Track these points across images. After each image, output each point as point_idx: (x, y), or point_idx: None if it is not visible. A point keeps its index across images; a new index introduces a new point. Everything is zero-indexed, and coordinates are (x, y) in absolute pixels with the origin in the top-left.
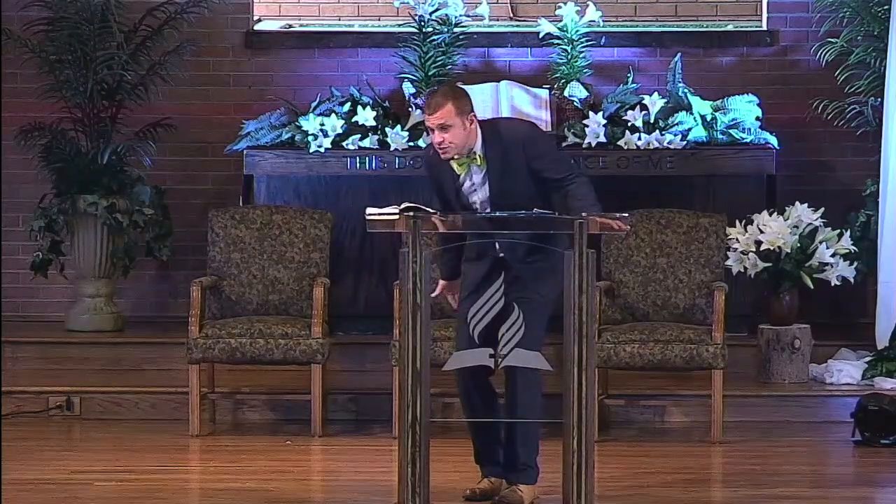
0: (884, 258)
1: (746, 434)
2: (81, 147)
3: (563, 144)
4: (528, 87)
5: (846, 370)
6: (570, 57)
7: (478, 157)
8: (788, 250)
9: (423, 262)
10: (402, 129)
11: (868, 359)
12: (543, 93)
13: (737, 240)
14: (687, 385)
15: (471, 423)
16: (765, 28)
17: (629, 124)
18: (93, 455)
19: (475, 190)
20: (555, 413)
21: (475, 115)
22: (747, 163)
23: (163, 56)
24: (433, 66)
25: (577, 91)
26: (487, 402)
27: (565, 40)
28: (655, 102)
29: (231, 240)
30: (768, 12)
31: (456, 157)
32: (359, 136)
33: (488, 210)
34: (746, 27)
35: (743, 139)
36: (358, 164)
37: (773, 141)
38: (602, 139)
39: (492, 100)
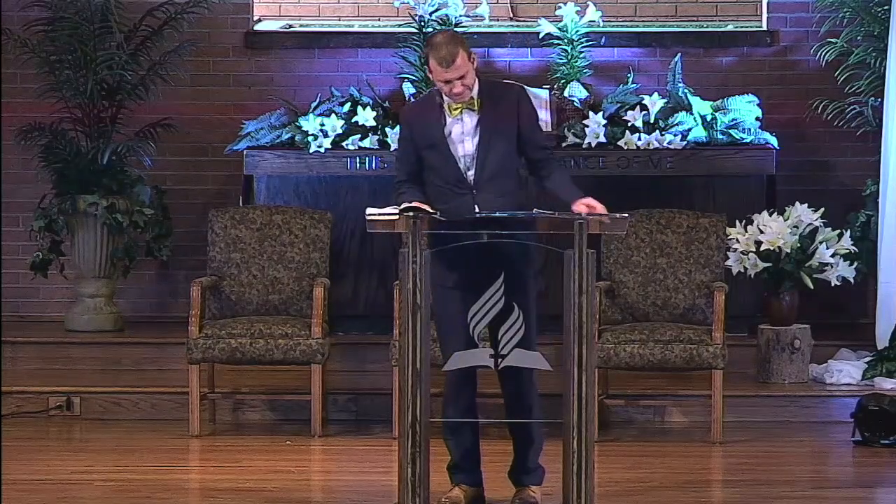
0: (884, 258)
1: (746, 434)
2: (81, 147)
3: (563, 144)
4: (528, 87)
5: (846, 370)
6: (570, 57)
7: (475, 101)
8: (788, 250)
9: (423, 262)
10: None
11: (868, 359)
12: (543, 93)
13: (737, 240)
14: (687, 385)
15: (455, 429)
16: (765, 28)
17: (629, 124)
18: (93, 455)
19: (463, 140)
20: (555, 413)
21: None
22: (747, 163)
23: (163, 56)
24: None
25: (577, 91)
26: (473, 406)
27: (565, 40)
28: (655, 102)
29: (231, 240)
30: (768, 12)
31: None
32: (359, 136)
33: (471, 164)
34: (746, 27)
35: (743, 139)
36: (358, 164)
37: (773, 141)
38: (602, 139)
39: None
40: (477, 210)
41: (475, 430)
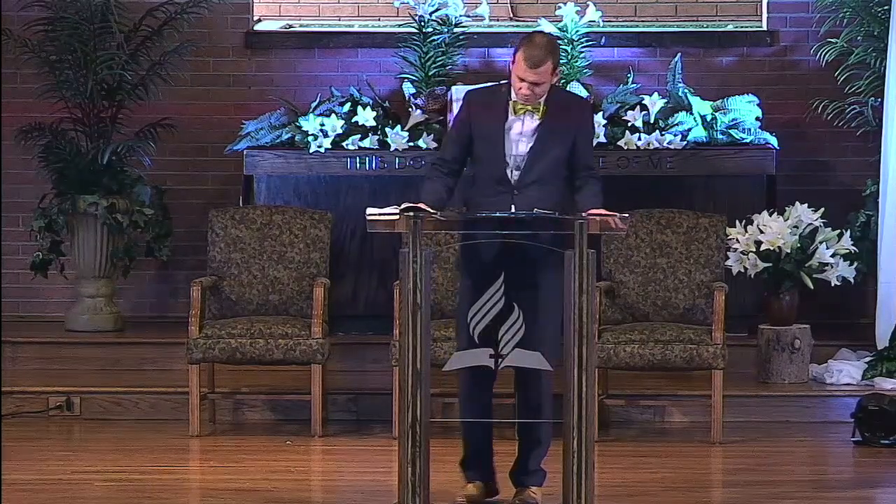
0: (884, 258)
1: (746, 434)
2: (81, 147)
3: None
4: None
5: (846, 370)
6: (570, 57)
7: (541, 107)
8: (788, 250)
9: (423, 262)
10: (402, 130)
11: (868, 359)
12: None
13: (737, 240)
14: (687, 385)
15: (468, 426)
16: (765, 28)
17: (629, 124)
18: (93, 455)
19: (519, 141)
20: (555, 413)
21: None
22: (747, 163)
23: (163, 56)
24: (433, 66)
25: (577, 91)
26: (488, 404)
27: (565, 40)
28: (655, 102)
29: (231, 240)
30: (768, 12)
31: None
32: (359, 136)
33: (521, 165)
34: (746, 27)
35: (743, 139)
36: (358, 164)
37: (773, 141)
38: (602, 139)
39: None
40: (513, 210)
41: (488, 429)
